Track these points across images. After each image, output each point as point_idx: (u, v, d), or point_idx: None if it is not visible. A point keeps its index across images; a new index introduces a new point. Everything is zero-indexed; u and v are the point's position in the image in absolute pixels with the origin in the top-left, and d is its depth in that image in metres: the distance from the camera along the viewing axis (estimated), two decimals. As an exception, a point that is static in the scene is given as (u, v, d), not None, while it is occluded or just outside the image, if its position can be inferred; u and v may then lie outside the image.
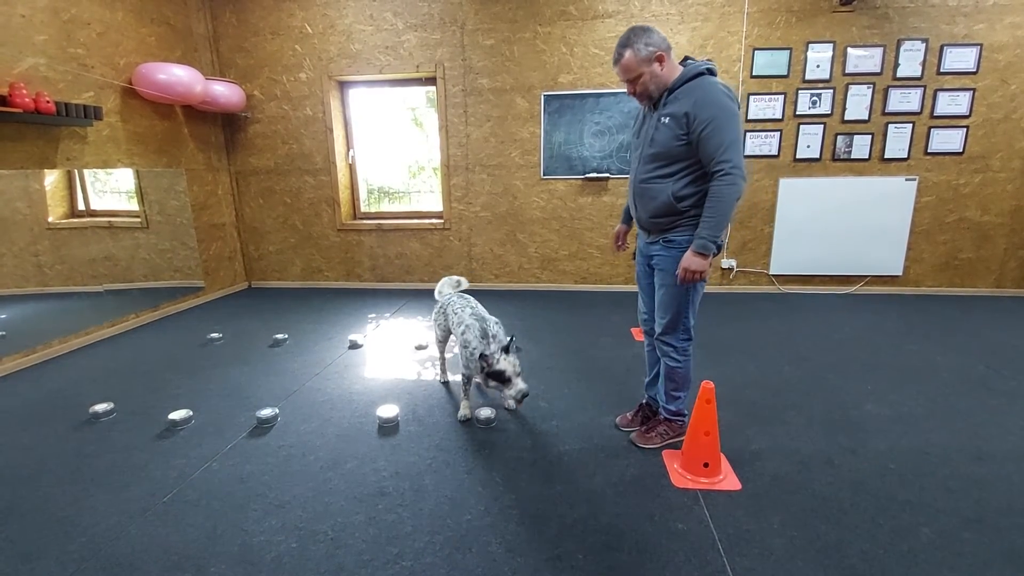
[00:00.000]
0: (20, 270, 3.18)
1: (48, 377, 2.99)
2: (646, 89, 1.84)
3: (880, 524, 1.67)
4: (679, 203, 1.86)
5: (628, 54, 1.78)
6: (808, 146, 4.36)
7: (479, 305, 2.51)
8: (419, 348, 3.36)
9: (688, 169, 1.83)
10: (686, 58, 1.88)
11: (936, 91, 4.16)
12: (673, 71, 1.83)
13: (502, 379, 2.13)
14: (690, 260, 1.83)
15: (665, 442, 2.15)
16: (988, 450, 2.09)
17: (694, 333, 2.05)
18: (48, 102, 3.03)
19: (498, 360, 2.14)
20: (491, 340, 2.25)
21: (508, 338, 2.24)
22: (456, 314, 2.45)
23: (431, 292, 4.87)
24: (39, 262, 3.28)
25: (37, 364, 3.18)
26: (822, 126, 4.31)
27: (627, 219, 2.24)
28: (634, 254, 2.23)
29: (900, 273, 4.52)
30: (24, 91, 2.94)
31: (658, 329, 2.06)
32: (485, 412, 2.36)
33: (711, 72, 1.80)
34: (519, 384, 2.13)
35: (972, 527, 1.66)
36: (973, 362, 3.00)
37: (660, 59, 1.79)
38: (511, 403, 2.33)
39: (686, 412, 2.16)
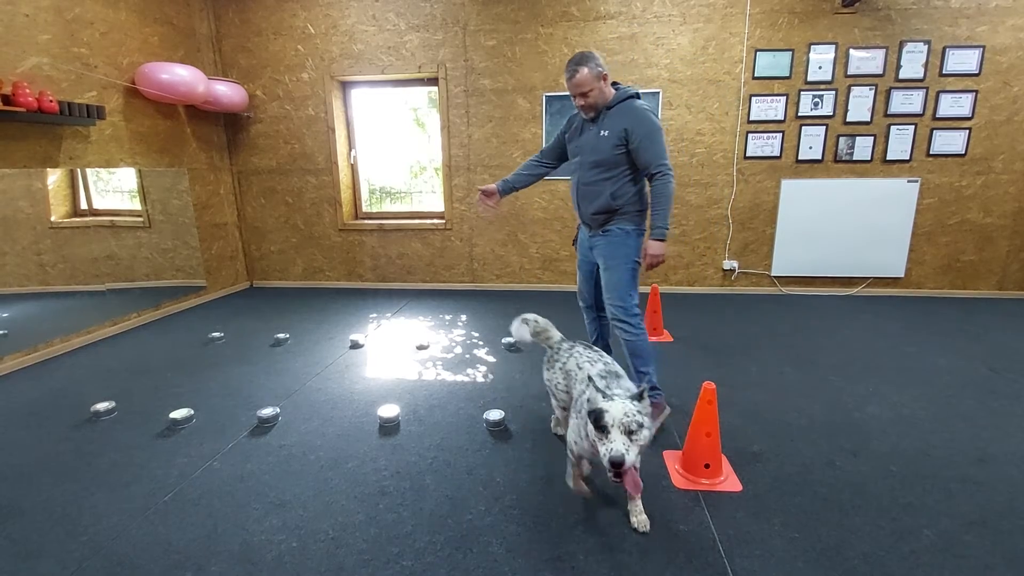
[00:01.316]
0: (22, 269, 3.19)
1: (50, 376, 2.99)
2: (594, 103, 2.20)
3: (881, 526, 1.67)
4: (615, 201, 2.25)
5: (584, 71, 2.13)
6: (810, 147, 4.35)
7: (612, 361, 1.88)
8: (420, 348, 3.36)
9: (623, 174, 2.23)
10: (614, 83, 2.27)
11: (938, 93, 4.16)
12: (610, 92, 2.23)
13: (598, 424, 1.45)
14: (654, 246, 2.22)
15: (657, 422, 2.28)
16: (990, 452, 2.09)
17: (639, 309, 2.35)
18: (51, 101, 3.04)
19: (611, 398, 1.49)
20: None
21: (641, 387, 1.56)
22: (581, 369, 1.82)
23: (432, 292, 4.90)
24: (41, 261, 3.29)
25: (39, 363, 3.19)
26: (824, 127, 4.31)
27: (503, 187, 2.56)
28: (574, 241, 2.61)
29: (902, 275, 4.52)
30: (27, 90, 2.95)
31: (611, 312, 2.35)
32: (495, 414, 2.35)
33: (637, 96, 2.23)
34: (615, 443, 1.41)
35: (974, 529, 1.65)
36: (975, 364, 3.00)
37: (604, 79, 2.19)
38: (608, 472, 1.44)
39: (659, 386, 2.36)
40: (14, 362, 3.09)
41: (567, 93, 4.44)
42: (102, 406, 2.48)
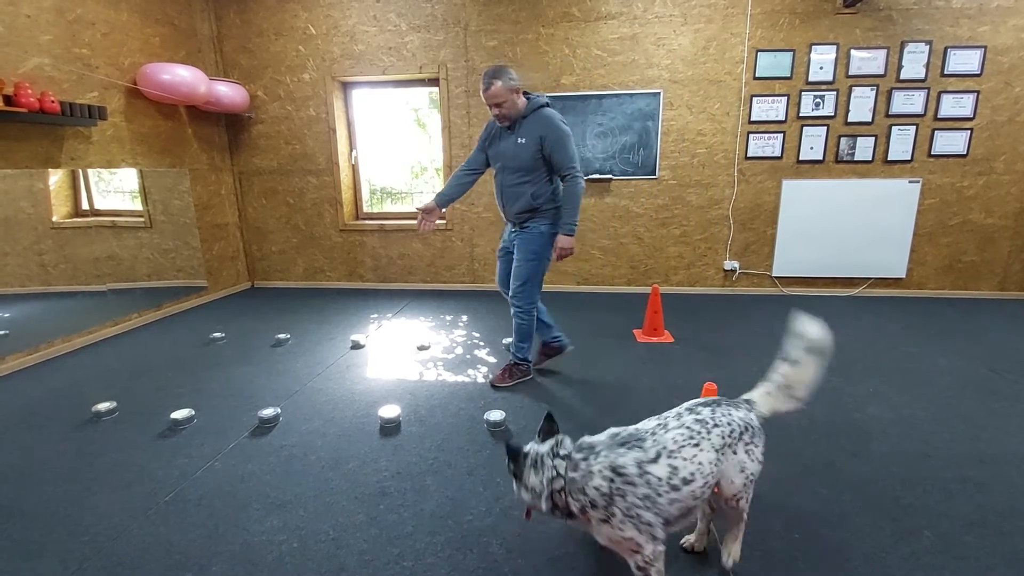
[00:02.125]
0: (24, 269, 3.20)
1: (51, 376, 3.00)
2: (508, 113, 2.44)
3: (882, 527, 1.67)
4: (535, 200, 2.53)
5: (498, 84, 2.35)
6: (811, 148, 4.35)
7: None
8: (421, 349, 3.36)
9: (541, 176, 2.51)
10: (526, 92, 2.52)
11: (940, 93, 4.15)
12: (523, 102, 2.47)
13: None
14: (563, 241, 2.52)
15: (516, 381, 2.78)
16: (991, 453, 2.09)
17: (537, 297, 2.71)
18: (53, 102, 3.05)
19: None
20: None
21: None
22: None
23: (433, 293, 4.90)
24: (43, 261, 3.29)
25: (40, 363, 3.19)
26: (825, 128, 4.30)
27: (440, 201, 2.71)
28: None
29: (903, 275, 4.51)
30: (29, 91, 2.95)
31: (511, 292, 2.69)
32: (496, 415, 2.35)
33: (548, 105, 2.50)
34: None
35: (975, 530, 1.65)
36: (976, 365, 2.99)
37: (517, 91, 2.42)
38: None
39: (530, 359, 2.84)
40: (16, 362, 3.09)
41: (569, 93, 4.48)
42: (103, 406, 2.49)
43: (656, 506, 1.22)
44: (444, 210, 2.74)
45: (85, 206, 3.58)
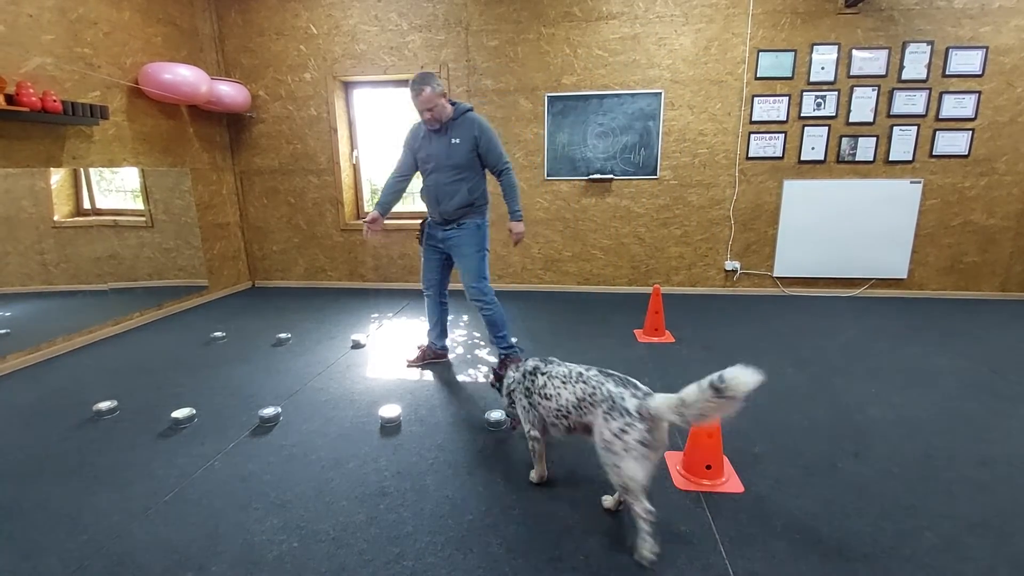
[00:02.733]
0: (25, 268, 3.20)
1: (52, 375, 3.00)
2: (439, 116, 2.60)
3: (883, 528, 1.67)
4: (471, 195, 2.70)
5: (428, 90, 2.50)
6: (812, 148, 4.34)
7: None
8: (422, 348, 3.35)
9: (474, 173, 2.71)
10: (450, 98, 2.69)
11: (941, 94, 4.14)
12: (449, 106, 2.64)
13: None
14: (517, 227, 2.79)
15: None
16: (992, 454, 2.08)
17: (491, 287, 2.84)
18: (55, 101, 3.05)
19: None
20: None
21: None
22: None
23: (434, 292, 4.89)
24: (44, 260, 3.30)
25: (41, 362, 3.20)
26: (827, 128, 4.30)
27: (382, 210, 2.84)
28: (419, 238, 2.97)
29: (905, 276, 4.51)
30: (31, 90, 2.96)
31: (470, 293, 2.83)
32: (496, 415, 2.35)
33: (471, 109, 2.70)
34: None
35: (976, 531, 1.65)
36: (978, 366, 2.99)
37: (444, 96, 2.59)
38: None
39: (515, 343, 2.97)
40: (17, 361, 3.10)
41: (570, 93, 4.48)
42: (104, 405, 2.49)
43: (530, 399, 1.83)
44: (383, 219, 2.93)
45: (87, 205, 3.59)
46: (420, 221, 2.95)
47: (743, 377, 1.38)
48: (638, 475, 1.52)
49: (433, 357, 3.13)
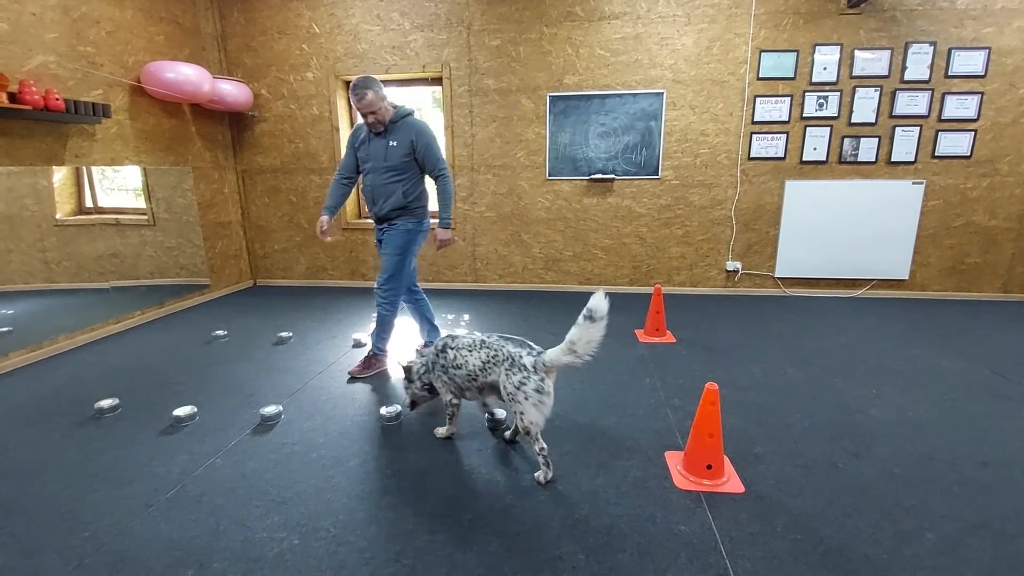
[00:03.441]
0: (27, 266, 3.21)
1: (54, 373, 3.00)
2: (382, 118, 2.66)
3: (884, 529, 1.66)
4: (406, 198, 2.76)
5: (370, 94, 2.57)
6: (815, 148, 4.34)
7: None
8: (423, 347, 3.36)
9: (411, 176, 2.76)
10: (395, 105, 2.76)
11: (944, 94, 4.14)
12: (391, 109, 2.70)
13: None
14: (442, 233, 2.83)
15: (373, 372, 2.94)
16: (994, 455, 2.08)
17: (402, 290, 2.91)
18: (57, 99, 3.06)
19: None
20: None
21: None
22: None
23: (435, 291, 4.90)
24: (46, 258, 3.30)
25: (43, 360, 3.20)
26: (829, 129, 4.29)
27: (330, 213, 2.91)
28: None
29: (906, 277, 4.50)
30: (34, 88, 2.96)
31: (377, 287, 2.86)
32: (496, 414, 2.36)
33: (412, 113, 2.76)
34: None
35: (977, 533, 1.64)
36: (979, 367, 2.98)
37: (385, 99, 2.65)
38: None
39: (388, 350, 3.03)
40: (19, 359, 3.10)
41: (572, 93, 4.48)
42: (106, 403, 2.50)
43: (447, 374, 2.12)
44: (332, 220, 3.02)
45: (89, 203, 3.59)
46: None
47: (601, 302, 1.86)
48: (537, 419, 1.87)
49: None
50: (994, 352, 3.21)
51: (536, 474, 1.93)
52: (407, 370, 2.30)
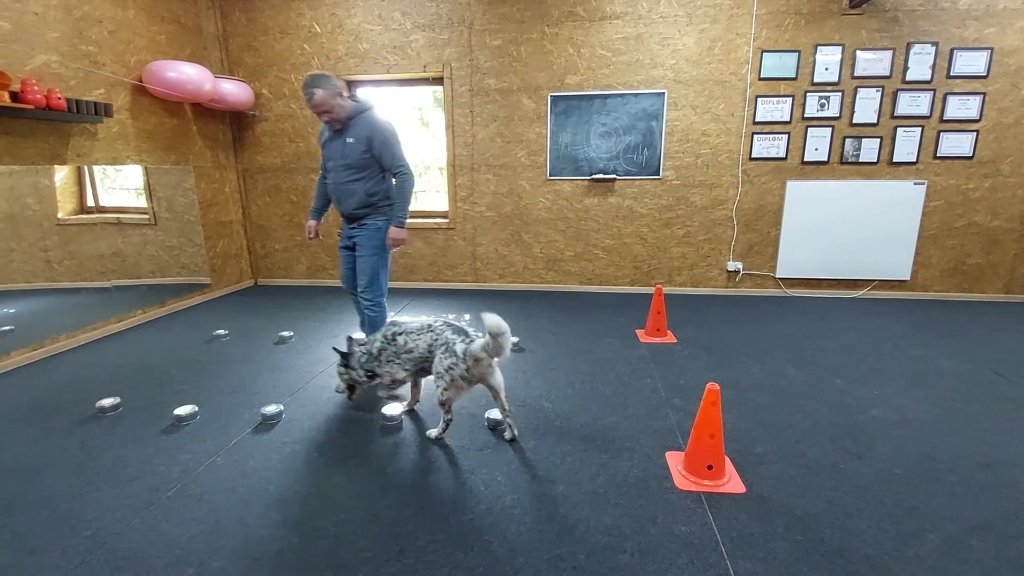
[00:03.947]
0: (29, 265, 3.21)
1: (55, 371, 3.01)
2: (336, 116, 2.60)
3: (885, 530, 1.66)
4: (370, 197, 2.69)
5: (320, 92, 2.50)
6: (816, 149, 4.34)
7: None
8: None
9: (373, 174, 2.66)
10: (351, 96, 2.67)
11: (946, 95, 4.13)
12: (348, 105, 2.61)
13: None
14: (394, 232, 2.71)
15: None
16: (996, 457, 2.07)
17: (386, 289, 2.88)
18: (59, 99, 3.06)
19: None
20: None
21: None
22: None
23: (435, 291, 4.90)
24: (48, 257, 3.31)
25: (45, 358, 3.21)
26: (830, 129, 4.29)
27: (317, 216, 2.96)
28: (340, 235, 2.96)
29: (908, 278, 4.49)
30: (36, 88, 2.97)
31: (361, 289, 2.82)
32: (497, 414, 2.35)
33: (371, 109, 2.65)
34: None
35: (979, 534, 1.64)
36: (981, 368, 2.98)
37: (340, 95, 2.57)
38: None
39: None
40: (20, 357, 3.11)
41: (573, 93, 4.47)
42: (107, 402, 2.50)
43: (399, 359, 2.29)
44: (320, 223, 3.05)
45: (90, 203, 3.60)
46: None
47: (497, 321, 1.92)
48: (455, 398, 2.17)
49: None
50: (996, 353, 3.21)
51: (431, 431, 2.24)
52: (345, 356, 2.38)
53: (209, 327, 3.77)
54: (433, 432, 2.22)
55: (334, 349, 2.48)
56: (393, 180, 2.71)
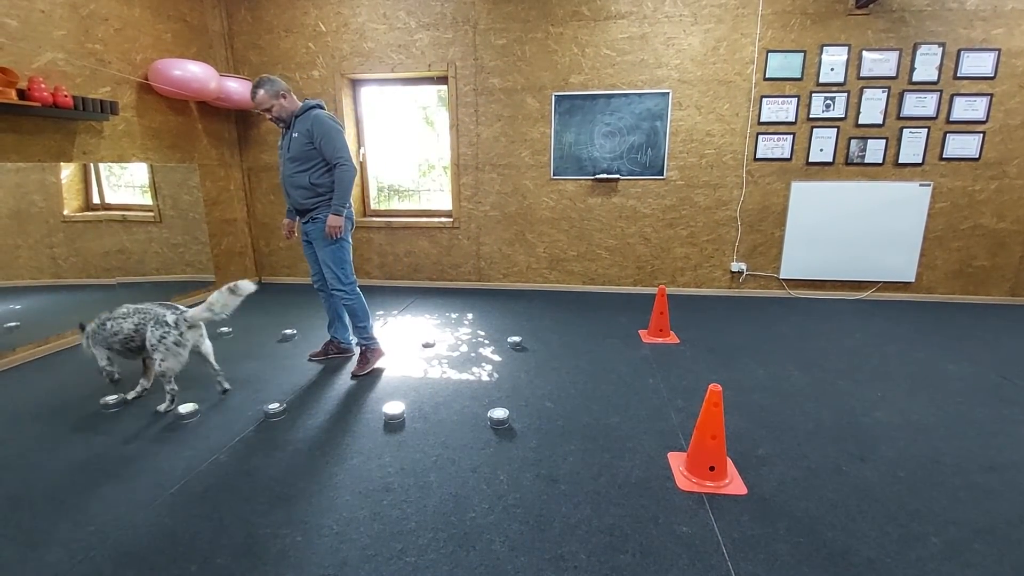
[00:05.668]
0: (35, 262, 3.23)
1: (60, 368, 3.03)
2: (279, 115, 2.74)
3: (888, 532, 1.66)
4: (315, 188, 2.78)
5: (261, 92, 2.65)
6: (821, 150, 4.32)
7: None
8: (426, 346, 3.36)
9: (316, 166, 2.77)
10: (305, 100, 2.82)
11: (952, 96, 4.11)
12: (295, 104, 2.78)
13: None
14: (331, 219, 2.76)
15: (374, 365, 2.99)
16: (1000, 460, 2.06)
17: (354, 277, 2.93)
18: (66, 96, 3.08)
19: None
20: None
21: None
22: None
23: (439, 290, 4.91)
24: (54, 254, 3.33)
25: (50, 354, 3.23)
26: (836, 130, 4.27)
27: (292, 215, 3.00)
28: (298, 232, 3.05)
29: (913, 279, 4.47)
30: (43, 85, 2.98)
31: (330, 282, 2.90)
32: (500, 413, 2.36)
33: (320, 107, 2.80)
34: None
35: (982, 537, 1.63)
36: (985, 371, 2.96)
37: (284, 96, 2.72)
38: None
39: (375, 336, 3.04)
40: (26, 353, 3.13)
41: (577, 93, 4.47)
42: (111, 398, 2.51)
43: (105, 342, 2.48)
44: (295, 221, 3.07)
45: (96, 200, 3.62)
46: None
47: (249, 285, 2.44)
48: (174, 366, 2.39)
49: (336, 352, 3.21)
50: (1001, 356, 3.19)
51: (160, 406, 2.43)
52: (82, 329, 2.57)
53: (213, 324, 3.78)
54: (161, 407, 2.42)
55: (79, 324, 2.60)
56: (334, 172, 2.79)
